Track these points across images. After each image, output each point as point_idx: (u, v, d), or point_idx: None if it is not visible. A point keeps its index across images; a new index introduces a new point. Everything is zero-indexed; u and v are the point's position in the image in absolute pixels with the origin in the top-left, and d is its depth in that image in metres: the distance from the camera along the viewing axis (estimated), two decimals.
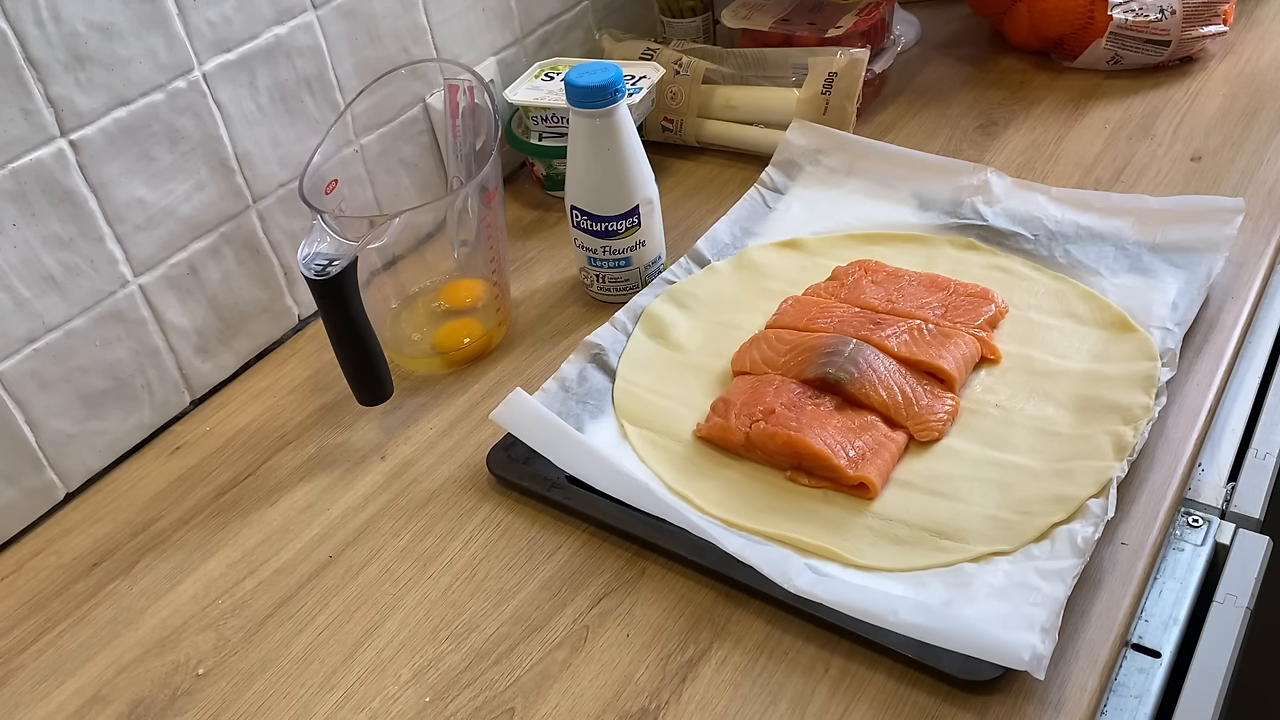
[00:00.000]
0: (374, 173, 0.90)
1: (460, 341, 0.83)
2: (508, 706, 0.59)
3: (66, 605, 0.68)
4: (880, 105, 1.07)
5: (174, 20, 0.73)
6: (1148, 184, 0.90)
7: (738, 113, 1.02)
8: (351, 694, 0.61)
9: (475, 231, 0.83)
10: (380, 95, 0.88)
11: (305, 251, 0.69)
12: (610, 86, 0.78)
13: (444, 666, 0.61)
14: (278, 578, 0.68)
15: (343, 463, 0.76)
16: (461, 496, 0.72)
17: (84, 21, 0.68)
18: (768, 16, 1.07)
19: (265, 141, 0.81)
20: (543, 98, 0.95)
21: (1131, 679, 0.58)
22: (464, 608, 0.65)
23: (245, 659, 0.63)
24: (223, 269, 0.81)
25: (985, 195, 0.88)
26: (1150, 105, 1.00)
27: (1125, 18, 1.01)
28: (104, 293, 0.74)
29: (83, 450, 0.76)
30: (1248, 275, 0.79)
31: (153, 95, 0.73)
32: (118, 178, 0.73)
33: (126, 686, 0.63)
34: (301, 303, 0.88)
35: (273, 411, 0.81)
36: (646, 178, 0.83)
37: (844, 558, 0.63)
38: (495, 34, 0.99)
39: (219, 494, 0.75)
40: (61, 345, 0.72)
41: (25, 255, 0.69)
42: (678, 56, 1.03)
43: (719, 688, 0.58)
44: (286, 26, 0.80)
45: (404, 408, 0.79)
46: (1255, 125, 0.94)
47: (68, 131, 0.69)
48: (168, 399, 0.80)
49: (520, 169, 1.04)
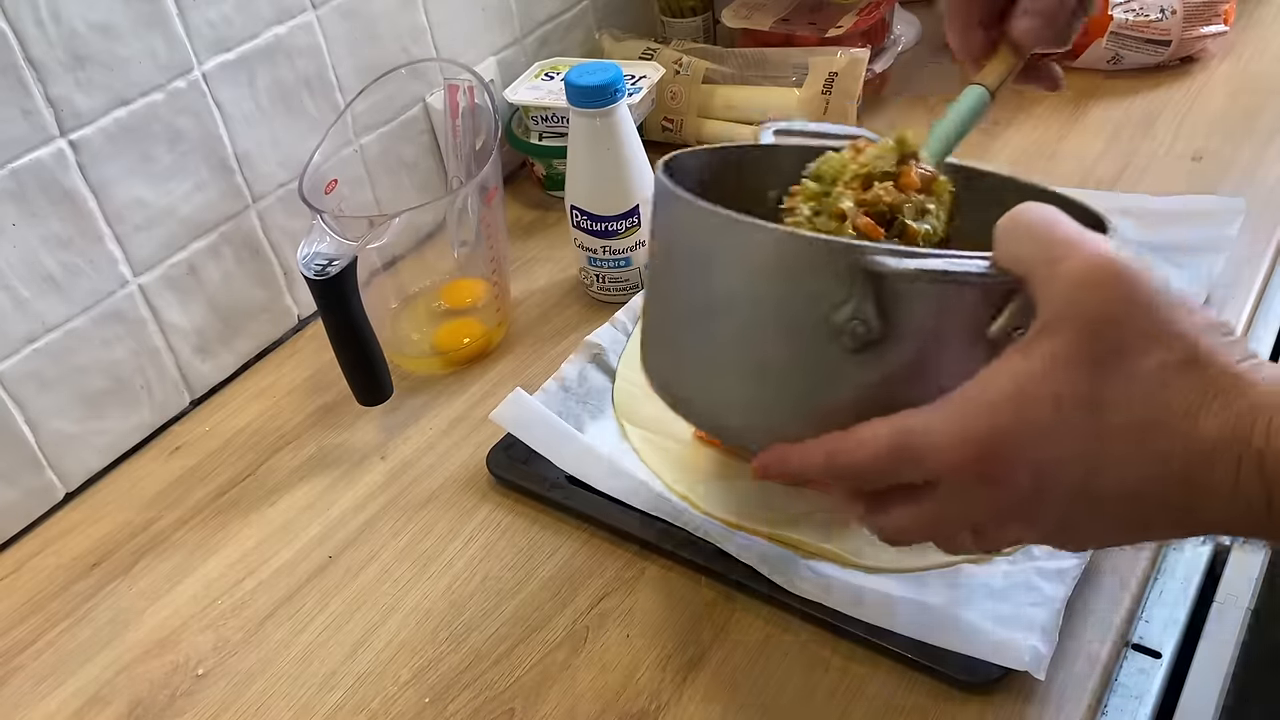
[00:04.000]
0: (374, 173, 0.90)
1: (460, 341, 0.83)
2: (507, 707, 0.59)
3: (66, 605, 0.68)
4: (881, 105, 1.06)
5: (174, 20, 0.73)
6: (1148, 184, 0.90)
7: (738, 113, 1.02)
8: (351, 694, 0.61)
9: (475, 231, 0.82)
10: (380, 95, 0.87)
11: (305, 251, 0.69)
12: (610, 86, 0.78)
13: (444, 667, 0.61)
14: (277, 578, 0.68)
15: (342, 463, 0.76)
16: (461, 497, 0.72)
17: (84, 21, 0.68)
18: (768, 16, 1.07)
19: (265, 141, 0.81)
20: (543, 97, 0.95)
21: (1132, 679, 0.58)
22: (464, 608, 0.64)
23: (245, 659, 0.63)
24: (222, 269, 0.81)
25: None
26: (1151, 105, 0.99)
27: (1126, 17, 1.01)
28: (104, 293, 0.74)
29: (82, 450, 0.76)
30: (1248, 275, 0.79)
31: (152, 95, 0.73)
32: (117, 178, 0.73)
33: (126, 687, 0.63)
34: (301, 303, 0.88)
35: (272, 411, 0.81)
36: (647, 178, 0.83)
37: (844, 558, 0.63)
38: (495, 34, 0.99)
39: (218, 494, 0.75)
40: (61, 345, 0.72)
41: (25, 255, 0.69)
42: (678, 56, 1.03)
43: (719, 688, 0.58)
44: (286, 26, 0.80)
45: (404, 408, 0.79)
46: (1256, 125, 0.94)
47: (67, 131, 0.69)
48: (167, 399, 0.80)
49: (520, 169, 1.04)
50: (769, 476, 0.49)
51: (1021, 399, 0.41)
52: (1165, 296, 0.40)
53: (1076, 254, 0.40)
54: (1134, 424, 0.39)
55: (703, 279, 0.51)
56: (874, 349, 0.45)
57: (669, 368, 0.55)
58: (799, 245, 0.47)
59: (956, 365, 0.43)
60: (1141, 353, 0.39)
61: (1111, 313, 0.39)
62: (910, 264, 0.43)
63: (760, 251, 0.48)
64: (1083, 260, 0.40)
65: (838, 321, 0.45)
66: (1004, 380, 0.41)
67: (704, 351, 0.52)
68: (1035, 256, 0.41)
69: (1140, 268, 0.40)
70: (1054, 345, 0.40)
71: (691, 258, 0.51)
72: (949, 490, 0.43)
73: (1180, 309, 0.40)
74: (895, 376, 0.46)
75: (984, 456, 0.41)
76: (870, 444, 0.44)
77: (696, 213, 0.50)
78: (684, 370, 0.54)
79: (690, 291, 0.52)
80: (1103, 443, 0.40)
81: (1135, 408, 0.39)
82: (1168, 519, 0.41)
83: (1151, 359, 0.39)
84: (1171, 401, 0.39)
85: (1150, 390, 0.39)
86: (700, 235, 0.51)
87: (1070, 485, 0.41)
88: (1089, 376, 0.40)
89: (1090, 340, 0.40)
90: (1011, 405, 0.41)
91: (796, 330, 0.47)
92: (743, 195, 0.59)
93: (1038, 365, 0.40)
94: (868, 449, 0.44)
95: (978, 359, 0.43)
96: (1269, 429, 0.38)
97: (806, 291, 0.46)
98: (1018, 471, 0.41)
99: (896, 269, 0.43)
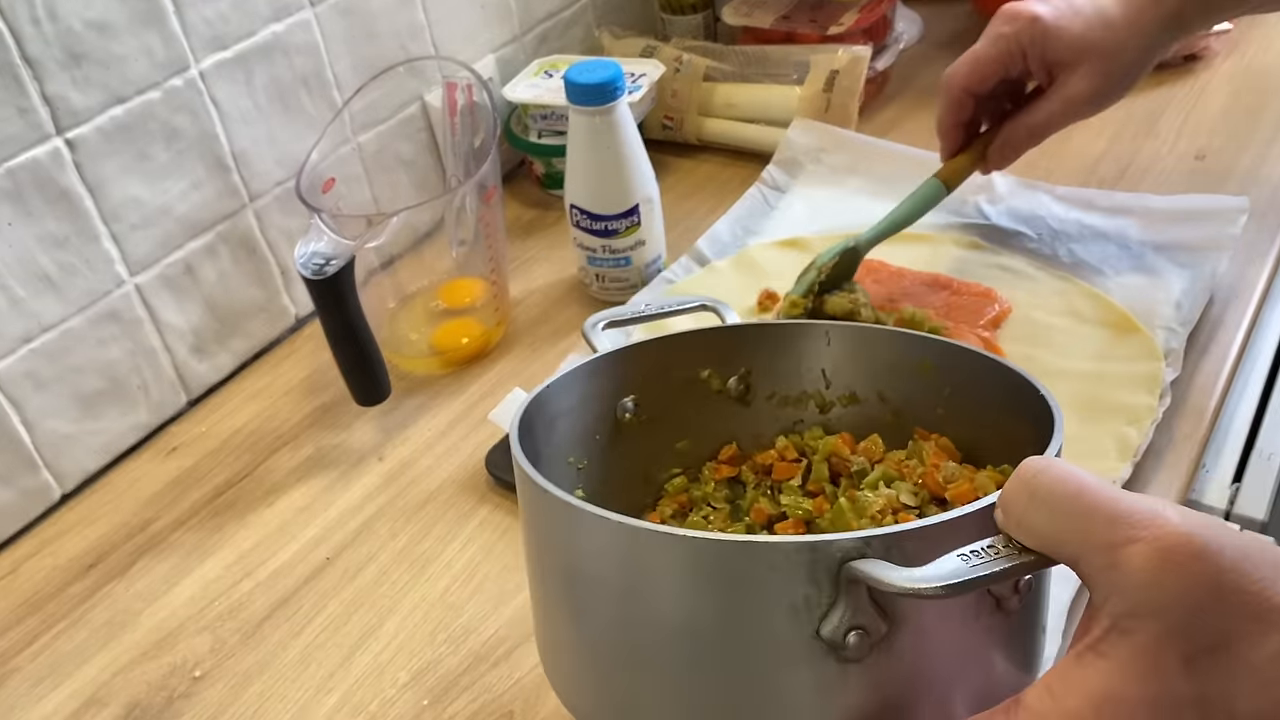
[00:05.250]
0: (371, 171, 0.90)
1: (458, 341, 0.82)
2: (506, 710, 0.58)
3: (63, 607, 0.68)
4: (883, 103, 1.06)
5: (170, 18, 0.72)
6: (1151, 183, 0.90)
7: (739, 111, 1.01)
8: (349, 697, 0.60)
9: (473, 230, 0.82)
10: (378, 93, 0.87)
11: (302, 251, 0.69)
12: (610, 84, 0.77)
13: (442, 669, 0.61)
14: (275, 580, 0.68)
15: (340, 464, 0.75)
16: (460, 497, 0.71)
17: (80, 19, 0.68)
18: (769, 14, 1.07)
19: (262, 140, 0.81)
20: (542, 95, 0.95)
21: None
22: (462, 610, 0.64)
23: (242, 661, 0.63)
24: (219, 268, 0.81)
25: (989, 194, 0.87)
26: (1154, 104, 0.99)
27: None
28: (100, 292, 0.74)
29: (79, 451, 0.75)
30: (1252, 274, 0.78)
31: (149, 93, 0.73)
32: (114, 176, 0.72)
33: (123, 689, 0.63)
34: (298, 302, 0.88)
35: (269, 412, 0.81)
36: (646, 176, 0.82)
37: None
38: (494, 31, 0.98)
39: (215, 495, 0.74)
40: (57, 345, 0.72)
41: (21, 254, 0.69)
42: (678, 54, 1.03)
43: None
44: (284, 24, 0.80)
45: (402, 408, 0.79)
46: (1260, 124, 0.94)
47: (63, 130, 0.69)
48: (164, 399, 0.80)
49: (519, 167, 1.04)
50: None
51: (1109, 709, 0.34)
52: (1254, 562, 0.34)
53: (1138, 536, 0.34)
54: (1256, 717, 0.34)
55: (624, 605, 0.42)
56: (879, 650, 0.38)
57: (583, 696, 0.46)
58: (754, 553, 0.37)
59: (976, 641, 0.39)
60: (1247, 639, 0.33)
61: (1200, 600, 0.33)
62: (925, 584, 0.35)
63: (705, 565, 0.39)
64: (1151, 544, 0.34)
65: (830, 633, 0.37)
66: (1083, 689, 0.35)
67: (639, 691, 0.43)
68: (1080, 540, 0.35)
69: (1216, 534, 0.34)
70: (1136, 644, 0.34)
71: (606, 580, 0.42)
72: None
73: (1272, 570, 0.34)
74: (909, 672, 0.39)
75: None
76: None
77: (607, 530, 0.40)
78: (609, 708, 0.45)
79: (609, 619, 0.43)
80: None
81: (1249, 703, 0.33)
82: None
83: (1262, 645, 0.33)
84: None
85: (1266, 680, 0.33)
86: (618, 557, 0.41)
87: None
88: (1188, 675, 0.34)
89: (1181, 635, 0.34)
90: (1099, 716, 0.34)
91: (773, 653, 0.39)
92: (588, 416, 0.54)
93: (1122, 668, 0.34)
94: None
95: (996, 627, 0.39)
96: None
97: (778, 606, 0.38)
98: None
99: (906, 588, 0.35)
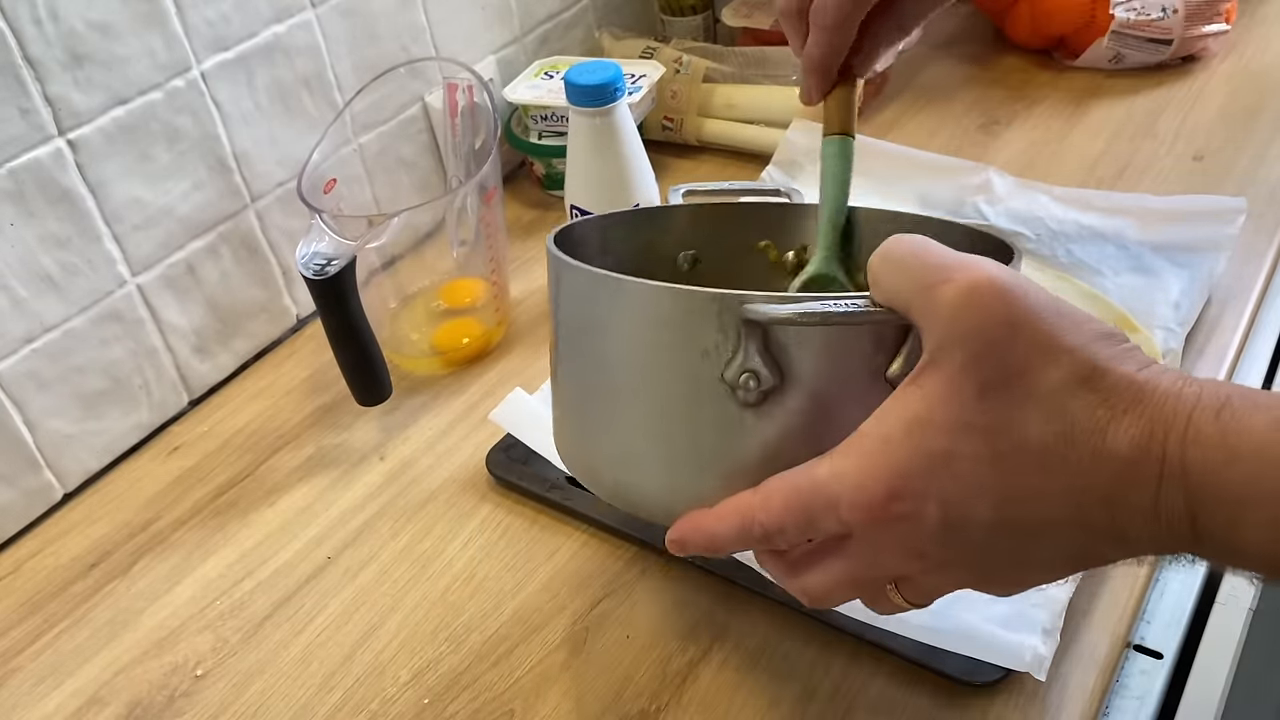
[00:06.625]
0: (372, 172, 0.90)
1: (459, 341, 0.83)
2: (507, 708, 0.59)
3: (64, 606, 0.68)
4: (882, 104, 1.06)
5: (172, 19, 0.73)
6: (1150, 183, 0.90)
7: (738, 111, 1.02)
8: (350, 695, 0.61)
9: (474, 231, 0.82)
10: (379, 94, 0.87)
11: (303, 251, 0.69)
12: (610, 85, 0.77)
13: (443, 668, 0.61)
14: (276, 579, 0.68)
15: (341, 463, 0.76)
16: (460, 497, 0.72)
17: (82, 20, 0.68)
18: (769, 15, 1.07)
19: (263, 140, 0.81)
20: (542, 96, 0.95)
21: (1133, 680, 0.58)
22: (463, 609, 0.64)
23: (244, 660, 0.63)
24: (221, 269, 0.81)
25: (987, 194, 0.87)
26: (1152, 104, 0.99)
27: (1127, 16, 1.01)
28: (102, 292, 0.74)
29: (80, 450, 0.75)
30: (1250, 274, 0.79)
31: (151, 94, 0.73)
32: (115, 177, 0.72)
33: (124, 688, 0.63)
34: (300, 302, 0.88)
35: (271, 412, 0.81)
36: (647, 177, 0.82)
37: None
38: (494, 32, 0.99)
39: (217, 494, 0.75)
40: (59, 345, 0.72)
41: (23, 255, 0.69)
42: (678, 55, 1.03)
43: (719, 689, 0.58)
44: (285, 25, 0.80)
45: (403, 408, 0.79)
46: (1258, 124, 0.94)
47: (65, 131, 0.69)
48: (165, 399, 0.80)
49: (519, 168, 1.04)
50: (686, 550, 0.47)
51: (917, 431, 0.39)
52: (1051, 309, 0.38)
53: (952, 278, 0.39)
54: (1038, 448, 0.38)
55: (598, 346, 0.49)
56: (772, 401, 0.44)
57: (577, 442, 0.53)
58: (679, 299, 0.45)
59: (862, 411, 0.42)
60: (1034, 372, 0.38)
61: (995, 334, 0.38)
62: (785, 310, 0.42)
63: (647, 310, 0.46)
64: (959, 283, 0.38)
65: (730, 376, 0.44)
66: (897, 414, 0.40)
67: (608, 421, 0.50)
68: (911, 288, 0.40)
69: (1021, 282, 0.38)
70: (942, 374, 0.39)
71: (586, 326, 0.49)
72: (862, 538, 0.42)
73: (1068, 320, 0.38)
74: (799, 427, 0.44)
75: (888, 494, 0.40)
76: (778, 498, 0.43)
77: (583, 278, 0.48)
78: (592, 443, 0.52)
79: (588, 361, 0.50)
80: (1007, 470, 0.38)
81: (1036, 430, 0.37)
82: (1098, 544, 0.39)
83: (1046, 378, 0.37)
84: (1075, 420, 0.37)
85: (1050, 411, 0.37)
86: (590, 301, 0.49)
87: (984, 518, 0.39)
88: (981, 401, 0.38)
89: (977, 364, 0.38)
90: (908, 438, 0.39)
91: (693, 390, 0.45)
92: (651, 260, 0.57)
93: (929, 395, 0.39)
94: (776, 503, 0.43)
95: (882, 396, 0.41)
96: (1183, 441, 0.36)
97: (697, 348, 0.44)
98: (925, 506, 0.39)
99: (772, 316, 0.42)
